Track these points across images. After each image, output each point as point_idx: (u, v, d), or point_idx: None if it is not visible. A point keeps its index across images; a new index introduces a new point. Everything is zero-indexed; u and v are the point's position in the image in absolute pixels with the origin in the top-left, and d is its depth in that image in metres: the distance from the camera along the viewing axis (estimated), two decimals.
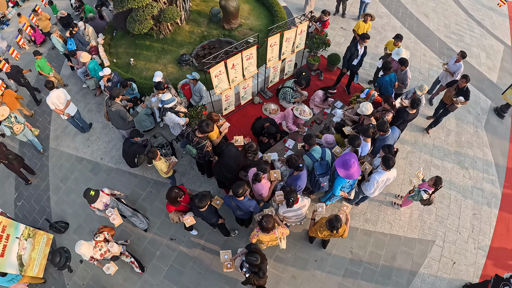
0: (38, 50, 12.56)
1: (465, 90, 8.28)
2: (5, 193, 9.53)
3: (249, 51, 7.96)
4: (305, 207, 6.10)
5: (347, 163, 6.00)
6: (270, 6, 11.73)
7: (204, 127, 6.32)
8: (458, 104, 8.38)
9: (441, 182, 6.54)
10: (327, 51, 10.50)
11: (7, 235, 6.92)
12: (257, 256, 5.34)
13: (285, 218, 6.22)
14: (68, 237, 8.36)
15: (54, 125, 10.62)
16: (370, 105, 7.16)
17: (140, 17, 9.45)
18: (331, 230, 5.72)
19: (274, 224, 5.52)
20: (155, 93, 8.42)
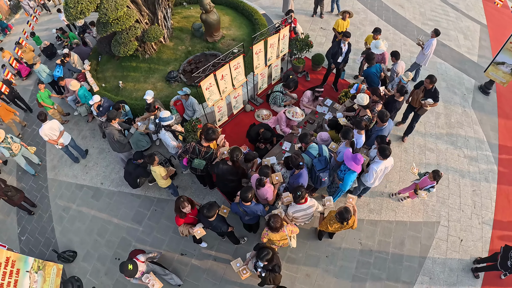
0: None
1: (433, 91, 8.06)
2: (8, 229, 9.46)
3: (236, 61, 8.12)
4: (314, 207, 6.21)
5: (356, 157, 6.23)
6: (249, 15, 11.97)
7: (211, 134, 6.43)
8: (427, 106, 8.20)
9: (440, 173, 6.75)
10: (310, 52, 10.73)
11: (17, 269, 6.84)
12: (268, 250, 5.42)
13: (294, 218, 6.33)
14: (77, 266, 8.33)
15: (49, 155, 10.61)
16: (366, 96, 7.37)
17: (125, 40, 9.56)
18: (341, 222, 5.84)
19: (282, 223, 5.61)
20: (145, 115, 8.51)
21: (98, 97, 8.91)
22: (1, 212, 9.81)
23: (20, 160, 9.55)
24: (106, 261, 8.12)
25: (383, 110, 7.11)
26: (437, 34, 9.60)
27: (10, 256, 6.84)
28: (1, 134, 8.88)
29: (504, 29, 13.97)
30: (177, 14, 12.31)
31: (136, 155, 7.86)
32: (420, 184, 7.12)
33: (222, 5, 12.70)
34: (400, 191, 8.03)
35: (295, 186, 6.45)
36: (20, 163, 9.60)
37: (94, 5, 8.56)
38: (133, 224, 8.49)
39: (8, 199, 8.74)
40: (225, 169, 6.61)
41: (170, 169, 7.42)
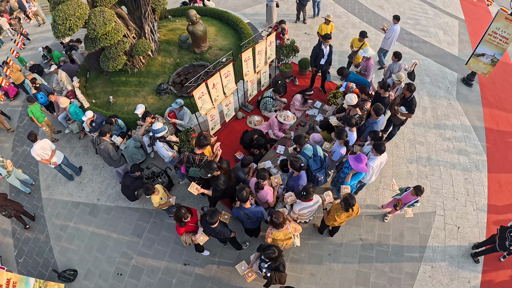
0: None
1: (409, 100, 7.93)
2: (3, 252, 9.29)
3: (226, 69, 8.25)
4: (319, 202, 6.40)
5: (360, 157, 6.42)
6: (234, 25, 12.16)
7: (203, 140, 6.48)
8: (399, 114, 8.16)
9: (422, 188, 6.70)
10: (297, 57, 10.94)
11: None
12: (273, 248, 5.49)
13: (300, 216, 6.45)
14: (79, 285, 8.23)
15: (43, 174, 10.53)
16: (354, 95, 7.59)
17: (113, 54, 9.61)
18: (346, 209, 6.04)
19: (284, 219, 5.71)
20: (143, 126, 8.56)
21: (91, 112, 8.92)
22: None
23: (14, 182, 9.50)
24: (108, 277, 8.06)
25: (379, 104, 7.34)
26: (397, 20, 10.40)
27: (10, 277, 6.77)
28: None
29: (481, 22, 14.52)
30: (163, 27, 12.41)
31: (133, 167, 7.88)
32: (404, 200, 7.13)
33: (207, 16, 12.85)
34: (384, 206, 8.12)
35: (295, 188, 6.62)
36: (15, 184, 9.53)
37: (82, 21, 8.60)
38: (133, 238, 8.46)
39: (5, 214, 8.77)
40: (223, 179, 6.58)
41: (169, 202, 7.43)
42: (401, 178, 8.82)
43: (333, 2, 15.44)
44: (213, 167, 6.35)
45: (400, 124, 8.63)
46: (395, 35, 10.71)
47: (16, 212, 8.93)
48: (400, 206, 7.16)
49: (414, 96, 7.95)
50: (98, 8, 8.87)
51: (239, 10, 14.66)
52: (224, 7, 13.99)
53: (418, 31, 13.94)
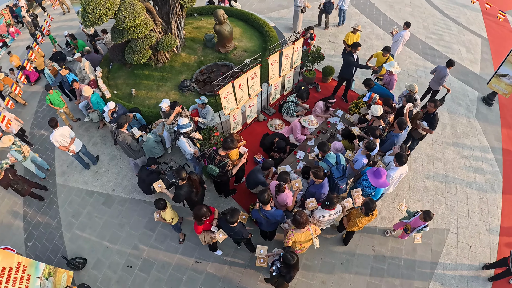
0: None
1: (432, 116, 7.91)
2: (13, 235, 9.35)
3: (253, 71, 8.27)
4: (340, 211, 6.37)
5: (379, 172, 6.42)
6: (260, 28, 12.20)
7: (229, 143, 6.48)
8: (420, 128, 8.17)
9: (431, 214, 6.56)
10: (321, 64, 10.94)
11: (28, 275, 6.76)
12: (294, 255, 5.45)
13: (319, 222, 6.43)
14: (87, 273, 8.22)
15: (59, 161, 10.58)
16: (380, 107, 7.58)
17: (139, 48, 9.68)
18: (367, 214, 6.04)
19: (307, 218, 5.71)
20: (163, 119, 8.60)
21: (113, 103, 8.95)
22: (8, 217, 9.73)
23: (30, 166, 9.56)
24: (117, 269, 8.05)
25: (402, 118, 7.33)
26: (408, 26, 10.80)
27: (21, 261, 6.75)
28: (10, 138, 8.94)
29: (504, 42, 14.49)
30: (189, 25, 12.50)
31: (150, 160, 7.88)
32: (412, 224, 7.03)
33: (233, 17, 12.90)
34: (394, 227, 7.98)
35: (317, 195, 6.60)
36: (30, 168, 9.59)
37: (112, 12, 8.66)
38: (146, 231, 8.45)
39: (16, 190, 8.85)
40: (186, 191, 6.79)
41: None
42: (417, 193, 8.76)
43: (358, 12, 15.46)
44: (181, 175, 6.47)
45: (419, 138, 8.61)
46: (402, 40, 10.96)
47: (28, 188, 9.03)
48: (410, 230, 7.08)
49: (437, 113, 7.94)
50: (129, 0, 8.92)
51: (264, 13, 14.71)
52: (250, 9, 14.06)
53: (441, 46, 13.92)
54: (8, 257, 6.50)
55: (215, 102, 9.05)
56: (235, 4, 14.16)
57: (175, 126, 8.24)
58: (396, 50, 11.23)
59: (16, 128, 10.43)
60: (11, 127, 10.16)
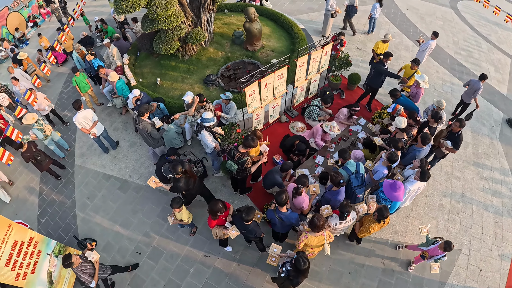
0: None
1: (456, 135, 7.79)
2: (28, 210, 9.54)
3: (281, 71, 8.26)
4: (355, 218, 6.32)
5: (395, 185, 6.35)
6: (289, 29, 12.17)
7: (250, 141, 6.48)
8: (443, 147, 8.04)
9: (452, 246, 6.21)
10: (348, 71, 10.86)
11: (38, 251, 6.89)
12: (306, 261, 5.40)
13: (333, 229, 6.38)
14: None
15: (79, 142, 10.75)
16: (404, 119, 7.47)
17: (168, 38, 9.75)
18: (379, 220, 6.00)
19: (324, 222, 5.67)
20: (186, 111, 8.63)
21: (138, 91, 9.03)
22: (24, 192, 9.91)
23: (50, 145, 9.72)
24: (126, 254, 8.12)
25: (427, 133, 7.23)
26: (436, 36, 10.71)
27: (34, 236, 6.88)
28: (34, 116, 9.11)
29: None
30: (218, 20, 12.56)
31: (170, 151, 7.91)
32: (430, 253, 6.78)
33: (263, 16, 12.88)
34: (409, 247, 7.82)
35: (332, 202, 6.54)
36: (50, 147, 9.77)
37: (145, 1, 8.73)
38: (158, 220, 8.51)
39: (37, 163, 8.97)
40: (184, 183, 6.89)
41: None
42: (432, 210, 8.61)
43: (389, 22, 15.31)
44: (177, 170, 6.54)
45: (441, 157, 8.47)
46: (428, 49, 10.90)
47: (48, 162, 9.21)
48: (427, 257, 6.93)
49: (461, 133, 7.79)
50: None
51: (294, 15, 14.68)
52: (280, 9, 14.03)
53: (470, 63, 13.67)
54: (21, 231, 6.62)
55: (239, 99, 9.10)
56: (266, 4, 14.17)
57: (197, 118, 8.28)
58: (423, 59, 11.16)
59: (48, 108, 10.59)
60: (43, 106, 10.32)
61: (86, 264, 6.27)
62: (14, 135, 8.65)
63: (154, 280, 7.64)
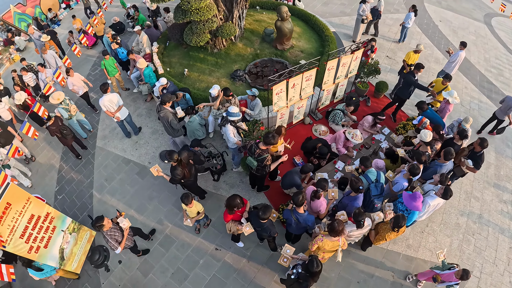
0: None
1: (478, 155, 7.55)
2: (46, 185, 9.76)
3: (310, 73, 8.22)
4: (369, 226, 6.26)
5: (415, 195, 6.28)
6: (320, 31, 12.09)
7: (270, 138, 6.44)
8: (464, 166, 7.77)
9: (469, 275, 6.00)
10: (376, 78, 10.73)
11: (53, 227, 7.02)
12: (319, 264, 5.36)
13: (348, 237, 6.33)
14: None
15: (102, 125, 10.92)
16: (430, 133, 7.35)
17: (199, 30, 9.81)
18: (393, 228, 5.94)
19: (343, 229, 5.62)
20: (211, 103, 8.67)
21: (165, 80, 9.10)
22: (44, 168, 10.12)
23: (74, 125, 9.90)
24: (138, 239, 8.19)
25: (452, 149, 7.07)
26: (464, 46, 10.59)
27: (50, 212, 7.00)
28: (60, 96, 9.29)
29: None
30: (249, 17, 12.58)
31: (194, 142, 7.97)
32: (444, 278, 6.52)
33: (294, 16, 12.83)
34: (419, 275, 7.54)
35: (349, 207, 6.49)
36: (74, 127, 9.93)
37: None
38: (173, 209, 8.58)
39: (62, 137, 9.19)
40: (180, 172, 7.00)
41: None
42: (448, 228, 8.44)
43: (421, 32, 15.04)
44: (173, 157, 6.71)
45: (461, 175, 8.28)
46: (459, 61, 10.73)
47: (72, 138, 9.43)
48: (439, 281, 6.75)
49: (484, 153, 7.60)
50: None
51: (326, 17, 14.55)
52: (312, 11, 13.93)
53: (500, 82, 13.32)
54: (39, 206, 6.75)
55: (264, 96, 9.11)
56: (298, 4, 14.11)
57: (222, 112, 8.30)
58: (452, 70, 10.97)
59: (83, 90, 10.78)
60: (77, 88, 10.51)
61: (116, 230, 6.45)
62: (41, 111, 8.83)
63: (163, 267, 7.72)
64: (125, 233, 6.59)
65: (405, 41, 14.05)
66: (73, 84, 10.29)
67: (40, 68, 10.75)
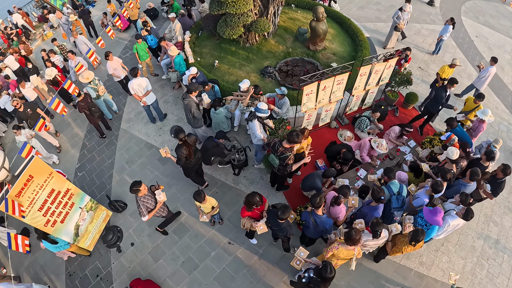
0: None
1: (499, 182, 7.26)
2: (67, 161, 9.97)
3: (342, 77, 8.13)
4: (386, 237, 6.16)
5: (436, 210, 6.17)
6: (354, 35, 11.90)
7: (294, 136, 6.35)
8: (481, 189, 7.53)
9: None
10: (407, 89, 10.53)
11: (72, 203, 7.17)
12: (333, 270, 5.27)
13: (363, 246, 6.25)
14: (123, 218, 8.57)
15: (128, 108, 11.05)
16: (457, 150, 7.19)
17: (233, 23, 9.79)
18: (410, 242, 5.82)
19: (360, 238, 5.55)
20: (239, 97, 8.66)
21: (195, 69, 9.13)
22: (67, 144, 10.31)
23: (101, 105, 10.03)
24: (153, 224, 8.27)
25: (477, 169, 6.88)
26: (495, 62, 10.42)
27: (71, 188, 7.14)
28: (90, 75, 9.44)
29: None
30: (284, 14, 12.49)
31: (219, 134, 7.99)
32: None
33: (329, 18, 12.63)
34: None
35: (368, 217, 6.40)
36: (100, 107, 10.06)
37: None
38: (190, 199, 8.55)
39: (90, 114, 9.36)
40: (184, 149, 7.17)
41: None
42: (463, 250, 8.22)
43: (456, 46, 14.64)
44: (179, 135, 6.95)
45: (477, 200, 8.02)
46: (488, 76, 10.53)
47: (99, 116, 9.62)
48: None
49: (505, 180, 7.32)
50: None
51: (360, 21, 14.27)
52: (347, 14, 13.71)
53: None
54: (60, 181, 6.88)
55: (293, 96, 9.06)
56: (334, 5, 13.94)
57: (251, 107, 8.28)
58: (482, 85, 10.78)
59: (123, 73, 10.94)
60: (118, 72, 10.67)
61: (150, 198, 6.56)
62: (71, 88, 8.97)
63: (174, 254, 7.79)
64: (157, 205, 6.69)
65: (439, 53, 13.72)
66: (113, 68, 10.44)
67: (71, 55, 10.88)
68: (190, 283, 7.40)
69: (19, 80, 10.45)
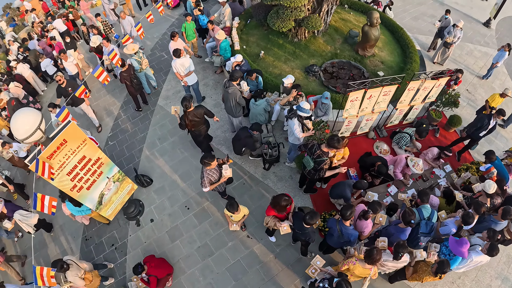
0: None
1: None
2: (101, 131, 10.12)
3: (389, 88, 7.89)
4: (406, 262, 5.98)
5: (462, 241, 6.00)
6: (405, 46, 11.46)
7: (335, 141, 6.26)
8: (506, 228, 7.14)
9: None
10: (452, 111, 10.13)
11: (100, 172, 7.27)
12: (348, 284, 5.18)
13: (380, 265, 6.11)
14: (147, 193, 8.69)
15: (167, 85, 11.11)
16: (494, 185, 6.88)
17: (285, 16, 9.62)
18: (435, 274, 5.66)
19: (380, 258, 5.41)
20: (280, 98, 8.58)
21: (240, 57, 9.06)
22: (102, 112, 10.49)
23: (142, 78, 10.12)
24: (175, 203, 8.37)
25: (510, 207, 6.58)
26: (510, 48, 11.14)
27: (101, 157, 7.22)
28: (135, 47, 9.51)
29: None
30: (336, 14, 12.19)
31: (255, 125, 7.92)
32: None
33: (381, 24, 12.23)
34: None
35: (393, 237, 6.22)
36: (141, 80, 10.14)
37: None
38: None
39: (130, 85, 9.48)
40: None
41: None
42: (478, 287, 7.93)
43: (507, 73, 13.96)
44: (182, 103, 7.30)
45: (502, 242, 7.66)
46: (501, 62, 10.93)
47: (139, 89, 9.78)
48: None
49: None
50: None
51: (413, 32, 13.77)
52: (400, 23, 13.16)
53: None
54: (92, 149, 6.96)
55: (334, 99, 8.91)
56: (388, 12, 13.47)
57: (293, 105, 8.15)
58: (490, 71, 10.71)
59: None
60: None
61: (215, 172, 6.66)
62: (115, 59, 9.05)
63: (191, 238, 7.84)
64: (221, 179, 6.76)
65: (489, 79, 13.13)
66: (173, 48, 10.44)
67: (105, 43, 10.64)
68: (202, 269, 7.45)
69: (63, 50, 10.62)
